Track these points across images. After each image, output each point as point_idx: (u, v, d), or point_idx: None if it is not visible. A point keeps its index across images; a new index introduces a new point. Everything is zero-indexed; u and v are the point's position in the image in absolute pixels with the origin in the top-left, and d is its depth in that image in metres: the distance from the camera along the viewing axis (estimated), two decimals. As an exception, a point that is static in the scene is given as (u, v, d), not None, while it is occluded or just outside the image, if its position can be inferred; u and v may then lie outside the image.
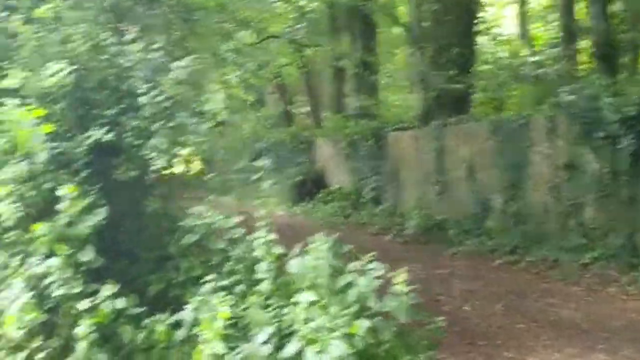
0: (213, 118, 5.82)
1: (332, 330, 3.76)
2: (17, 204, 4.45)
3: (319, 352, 3.65)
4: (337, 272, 4.21)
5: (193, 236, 5.10)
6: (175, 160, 5.54)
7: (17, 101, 4.51)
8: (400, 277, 3.92)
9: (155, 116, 5.24)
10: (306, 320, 3.90)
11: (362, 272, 4.06)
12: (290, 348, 3.88)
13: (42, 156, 4.50)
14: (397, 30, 17.61)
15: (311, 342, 3.78)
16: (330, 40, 17.10)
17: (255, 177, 5.07)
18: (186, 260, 5.04)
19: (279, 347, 4.03)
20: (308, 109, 22.67)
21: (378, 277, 4.03)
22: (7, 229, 4.60)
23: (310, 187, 16.83)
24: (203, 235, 5.08)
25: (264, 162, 5.26)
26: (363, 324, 3.76)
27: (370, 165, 14.98)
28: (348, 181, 16.12)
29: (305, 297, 4.01)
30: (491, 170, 11.48)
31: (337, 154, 16.77)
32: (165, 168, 5.52)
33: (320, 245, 4.37)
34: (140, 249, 5.19)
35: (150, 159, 5.22)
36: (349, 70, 17.12)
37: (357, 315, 3.84)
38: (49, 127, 4.58)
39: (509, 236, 10.73)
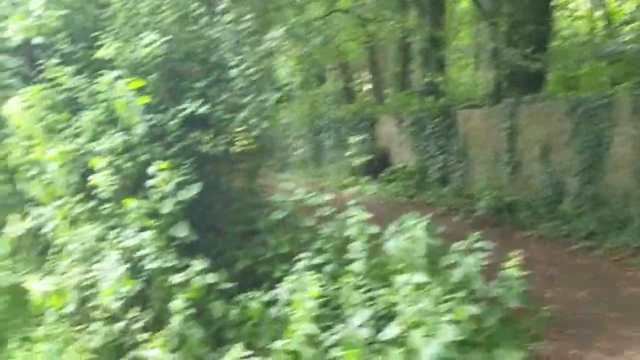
0: (280, 93, 5.73)
1: (437, 314, 3.60)
2: (114, 176, 4.44)
3: (426, 336, 3.50)
4: (436, 253, 4.05)
5: (281, 212, 5.02)
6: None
7: (115, 73, 4.48)
8: (512, 261, 3.73)
9: (245, 89, 5.16)
10: (408, 303, 3.76)
11: (467, 252, 3.88)
12: (391, 331, 3.75)
13: (140, 128, 4.48)
14: (466, 4, 17.04)
15: (415, 325, 3.64)
16: (398, 15, 16.67)
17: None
18: (274, 237, 4.97)
19: (376, 330, 3.92)
20: (370, 85, 22.35)
21: (483, 259, 3.87)
22: (104, 201, 4.62)
23: (373, 165, 16.59)
24: (291, 212, 4.99)
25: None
26: (470, 309, 3.59)
27: (437, 144, 14.62)
28: (412, 160, 15.81)
29: (407, 278, 3.86)
30: (567, 151, 10.98)
31: (400, 132, 16.44)
32: (249, 143, 5.46)
33: (414, 225, 4.22)
34: (227, 224, 5.15)
35: (239, 132, 5.17)
36: (415, 46, 16.69)
37: (464, 299, 3.67)
38: (145, 99, 4.55)
39: (585, 221, 10.26)
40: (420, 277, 3.78)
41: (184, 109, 4.78)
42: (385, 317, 4.02)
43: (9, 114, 4.77)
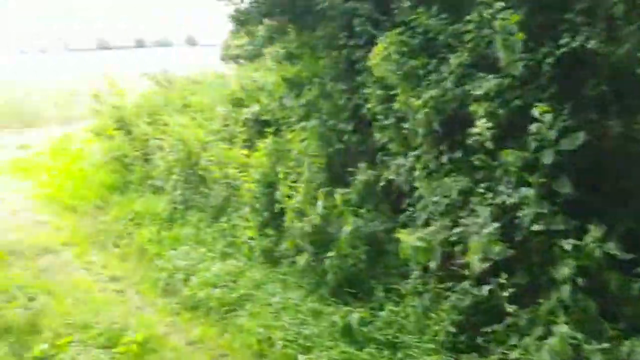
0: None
1: None
2: (488, 124, 3.99)
3: None
4: None
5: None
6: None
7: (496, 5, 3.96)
8: None
9: (626, 16, 4.24)
10: None
11: None
12: None
13: (517, 68, 3.94)
14: None
15: None
16: None
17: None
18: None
19: None
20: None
21: None
22: (472, 151, 4.22)
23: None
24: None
25: None
26: None
27: None
28: None
29: None
30: None
31: None
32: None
33: None
34: (603, 178, 4.38)
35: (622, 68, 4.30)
36: None
37: None
38: (521, 35, 3.97)
39: None
40: None
41: (560, 46, 4.07)
42: None
43: (372, 63, 4.60)
